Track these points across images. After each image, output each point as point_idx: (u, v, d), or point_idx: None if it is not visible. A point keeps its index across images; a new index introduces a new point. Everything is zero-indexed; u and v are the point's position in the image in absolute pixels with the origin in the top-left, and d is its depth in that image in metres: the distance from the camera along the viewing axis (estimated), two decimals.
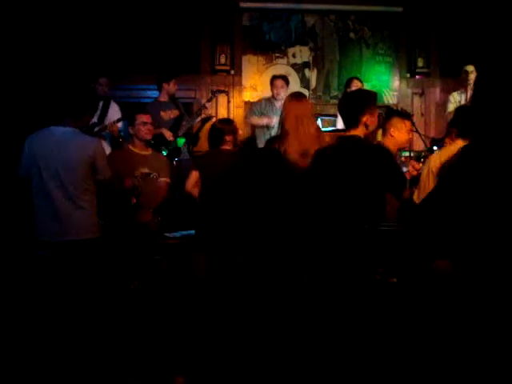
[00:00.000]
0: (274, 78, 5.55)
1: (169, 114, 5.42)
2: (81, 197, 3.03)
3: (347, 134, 2.92)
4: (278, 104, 5.30)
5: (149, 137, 4.09)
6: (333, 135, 4.25)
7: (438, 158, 3.00)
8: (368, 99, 2.94)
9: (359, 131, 2.87)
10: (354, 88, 5.56)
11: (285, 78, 5.55)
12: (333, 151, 2.93)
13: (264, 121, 5.37)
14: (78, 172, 3.01)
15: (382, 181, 2.79)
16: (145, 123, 4.03)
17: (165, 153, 5.19)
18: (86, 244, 3.02)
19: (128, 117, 4.41)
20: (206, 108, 5.58)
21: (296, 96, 3.57)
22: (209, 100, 5.66)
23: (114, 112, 5.19)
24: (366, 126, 2.87)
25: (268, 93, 5.74)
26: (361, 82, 5.59)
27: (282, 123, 3.45)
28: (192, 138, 5.82)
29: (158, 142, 5.31)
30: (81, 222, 3.02)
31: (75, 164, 3.00)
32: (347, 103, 2.97)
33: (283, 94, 5.22)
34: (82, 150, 3.03)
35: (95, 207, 3.10)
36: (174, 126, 5.37)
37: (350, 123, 2.89)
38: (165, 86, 5.41)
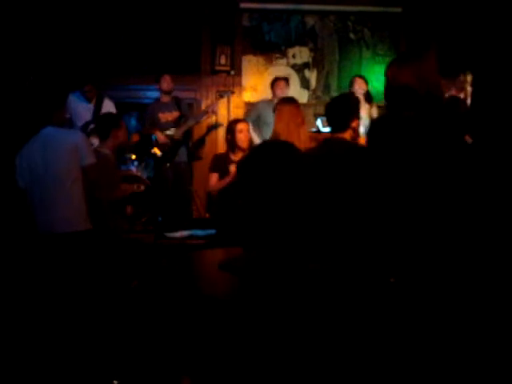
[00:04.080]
0: (276, 80, 5.59)
1: (167, 117, 5.41)
2: (68, 189, 3.13)
3: (334, 136, 2.89)
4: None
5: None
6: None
7: None
8: (357, 104, 2.97)
9: (347, 135, 2.87)
10: (357, 86, 5.58)
11: (286, 80, 5.60)
12: (320, 153, 2.87)
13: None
14: (64, 164, 3.13)
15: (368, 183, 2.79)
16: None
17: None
18: (76, 237, 3.11)
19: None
20: (208, 112, 5.60)
21: (286, 100, 3.57)
22: (213, 106, 5.67)
23: (109, 108, 5.11)
24: (353, 130, 2.88)
25: (268, 92, 5.78)
26: (365, 80, 5.62)
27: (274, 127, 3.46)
28: (196, 143, 5.85)
29: (150, 144, 5.31)
30: (69, 215, 3.12)
31: (60, 157, 3.14)
32: (337, 107, 2.93)
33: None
34: (64, 141, 3.19)
35: (83, 199, 3.19)
36: (173, 127, 5.38)
37: (339, 127, 2.87)
38: (157, 86, 5.44)
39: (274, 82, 5.61)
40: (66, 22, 5.87)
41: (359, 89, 5.61)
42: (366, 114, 5.39)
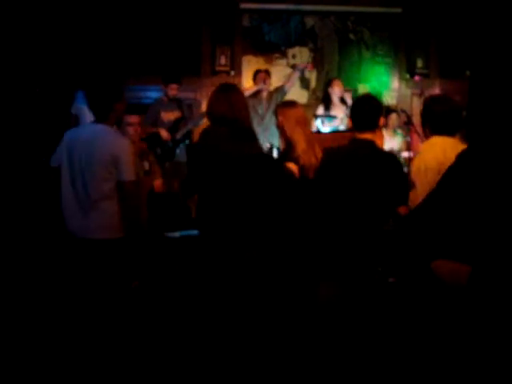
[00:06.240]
0: (257, 72, 5.58)
1: (169, 115, 5.41)
2: (99, 197, 2.92)
3: (362, 136, 2.86)
4: (264, 94, 5.43)
5: (136, 138, 3.97)
6: (336, 136, 4.23)
7: (421, 158, 2.91)
8: (381, 103, 3.00)
9: (375, 134, 2.85)
10: (335, 88, 5.59)
11: (267, 72, 5.61)
12: (348, 154, 2.87)
13: (253, 88, 5.39)
14: (98, 171, 2.87)
15: (391, 190, 2.78)
16: (131, 124, 3.94)
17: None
18: (103, 244, 2.94)
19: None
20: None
21: (289, 104, 3.44)
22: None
23: None
24: (379, 128, 2.88)
25: None
26: (342, 83, 5.69)
27: (282, 132, 3.33)
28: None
29: (152, 142, 5.30)
30: (98, 222, 2.93)
31: (96, 163, 2.86)
32: (369, 105, 2.90)
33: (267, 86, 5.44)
34: (105, 148, 2.88)
35: (115, 208, 2.93)
36: (174, 127, 5.37)
37: (370, 125, 2.85)
38: (163, 87, 5.44)
39: (256, 75, 5.57)
40: (66, 23, 5.88)
41: (337, 91, 5.62)
42: (343, 114, 5.49)
